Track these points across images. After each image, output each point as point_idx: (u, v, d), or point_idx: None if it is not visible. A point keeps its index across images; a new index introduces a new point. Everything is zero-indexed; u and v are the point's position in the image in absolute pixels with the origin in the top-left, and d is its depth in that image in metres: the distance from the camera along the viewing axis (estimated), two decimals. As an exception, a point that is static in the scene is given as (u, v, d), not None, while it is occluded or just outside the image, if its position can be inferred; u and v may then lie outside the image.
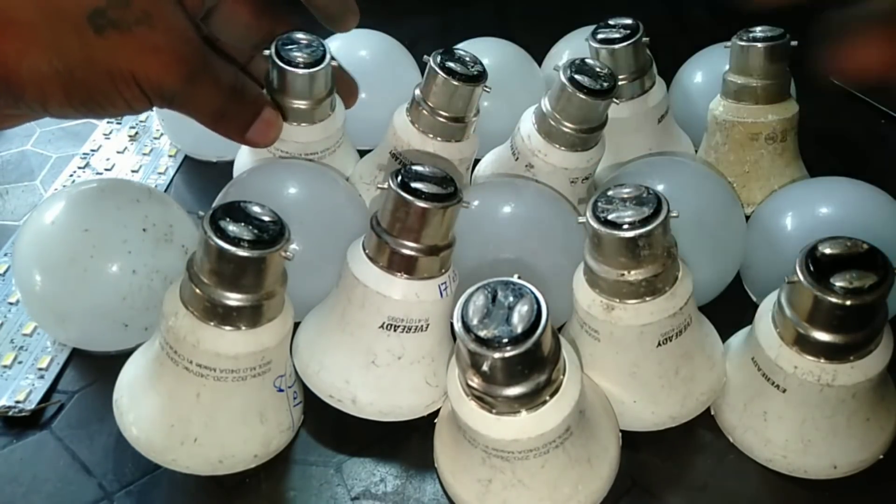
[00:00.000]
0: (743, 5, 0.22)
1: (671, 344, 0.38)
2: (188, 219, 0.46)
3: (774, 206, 0.48)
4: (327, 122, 0.49)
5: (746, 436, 0.40)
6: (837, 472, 0.38)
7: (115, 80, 0.34)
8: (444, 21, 0.79)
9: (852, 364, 0.35)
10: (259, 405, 0.37)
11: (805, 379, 0.36)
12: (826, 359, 0.35)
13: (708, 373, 0.40)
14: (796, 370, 0.36)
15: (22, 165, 0.61)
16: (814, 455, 0.38)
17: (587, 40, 0.51)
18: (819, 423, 0.37)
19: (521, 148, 0.47)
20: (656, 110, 0.53)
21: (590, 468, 0.36)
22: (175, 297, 0.34)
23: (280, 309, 0.36)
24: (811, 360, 0.36)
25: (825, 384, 0.36)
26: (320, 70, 0.46)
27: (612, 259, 0.35)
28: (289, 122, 0.47)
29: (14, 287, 0.48)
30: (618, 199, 0.35)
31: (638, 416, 0.40)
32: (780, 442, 0.38)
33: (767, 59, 0.49)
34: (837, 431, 0.37)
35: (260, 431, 0.37)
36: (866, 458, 0.38)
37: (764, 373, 0.38)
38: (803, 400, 0.37)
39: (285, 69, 0.45)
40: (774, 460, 0.39)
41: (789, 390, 0.37)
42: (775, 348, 0.37)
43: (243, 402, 0.36)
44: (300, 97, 0.47)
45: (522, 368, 0.31)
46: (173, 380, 0.35)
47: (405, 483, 0.39)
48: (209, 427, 0.36)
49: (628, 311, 0.36)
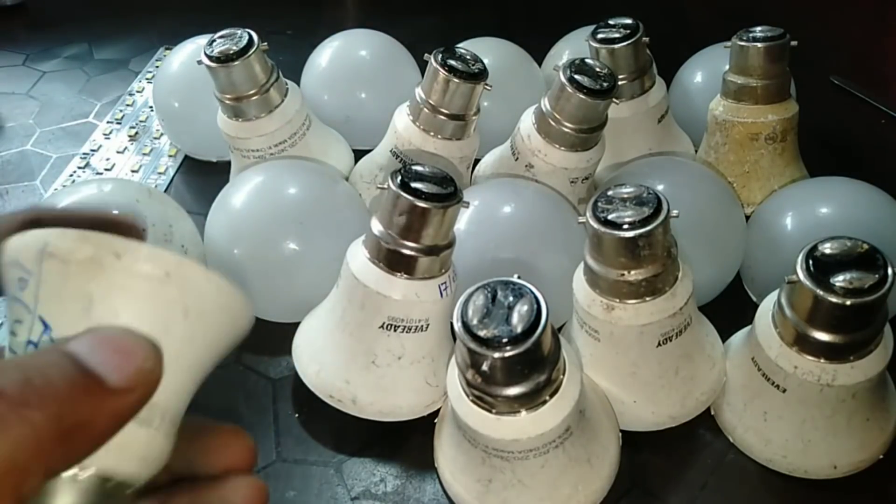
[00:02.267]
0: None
1: (671, 344, 0.38)
2: (188, 219, 0.46)
3: (774, 206, 0.48)
4: (280, 111, 0.49)
5: (746, 436, 0.40)
6: (837, 473, 0.38)
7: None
8: (444, 21, 0.79)
9: (852, 364, 0.35)
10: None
11: (805, 379, 0.36)
12: (826, 359, 0.35)
13: (708, 373, 0.40)
14: (796, 370, 0.36)
15: (22, 165, 0.61)
16: (814, 455, 0.38)
17: (587, 40, 0.51)
18: (819, 422, 0.37)
19: (521, 148, 0.47)
20: (656, 110, 0.53)
21: (590, 468, 0.36)
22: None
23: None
24: (811, 360, 0.36)
25: (825, 384, 0.36)
26: (236, 64, 0.47)
27: (612, 259, 0.35)
28: (238, 119, 0.49)
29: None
30: (618, 199, 0.35)
31: (638, 416, 0.40)
32: (780, 442, 0.38)
33: (767, 59, 0.49)
34: (837, 431, 0.37)
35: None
36: (866, 458, 0.38)
37: (764, 373, 0.38)
38: (803, 400, 0.37)
39: (210, 66, 0.47)
40: (774, 460, 0.39)
41: (789, 390, 0.37)
42: (775, 348, 0.37)
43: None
44: (227, 91, 0.48)
45: (522, 368, 0.31)
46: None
47: (405, 483, 0.39)
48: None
49: (628, 311, 0.36)
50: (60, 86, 0.70)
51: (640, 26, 0.50)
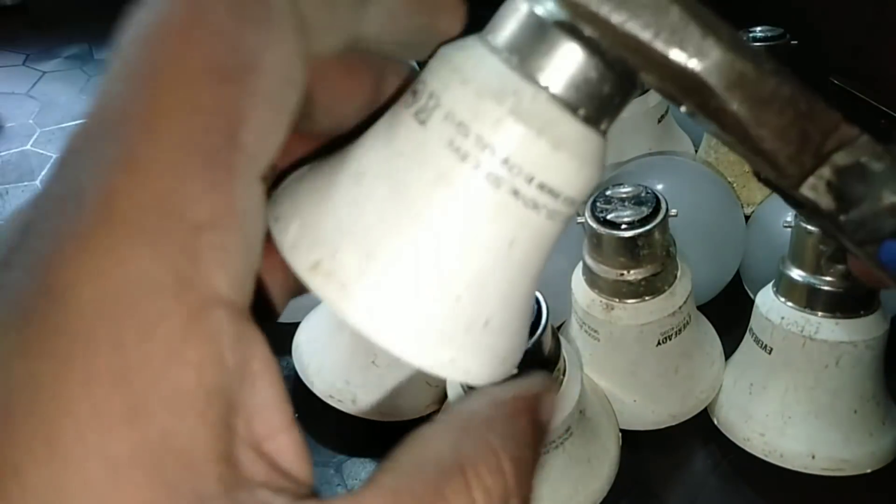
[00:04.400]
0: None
1: (671, 343, 0.38)
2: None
3: (774, 206, 0.48)
4: None
5: (730, 414, 0.40)
6: (815, 465, 0.38)
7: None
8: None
9: (837, 321, 0.35)
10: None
11: (789, 331, 0.36)
12: (810, 307, 0.36)
13: (707, 370, 0.40)
14: (783, 321, 0.36)
15: (22, 165, 0.61)
16: (792, 436, 0.38)
17: (587, 40, 0.51)
18: (801, 394, 0.37)
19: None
20: (656, 110, 0.53)
21: (589, 468, 0.36)
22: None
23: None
24: (795, 309, 0.36)
25: (808, 337, 0.36)
26: None
27: (611, 259, 0.35)
28: None
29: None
30: (616, 199, 0.35)
31: (638, 415, 0.40)
32: (760, 418, 0.38)
33: (767, 59, 0.49)
34: (819, 412, 0.37)
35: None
36: (849, 460, 0.37)
37: (755, 336, 0.38)
38: (787, 361, 0.37)
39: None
40: (752, 439, 0.39)
41: (775, 349, 0.37)
42: (768, 303, 0.37)
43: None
44: None
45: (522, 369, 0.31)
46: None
47: (405, 483, 0.39)
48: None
49: (628, 310, 0.36)
50: (60, 86, 0.71)
51: (639, 26, 0.50)
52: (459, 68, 0.12)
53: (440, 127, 0.12)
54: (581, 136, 0.13)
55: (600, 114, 0.13)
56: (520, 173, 0.12)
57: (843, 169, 0.12)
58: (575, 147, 0.13)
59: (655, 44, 0.12)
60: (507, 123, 0.12)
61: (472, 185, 0.12)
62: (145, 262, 0.11)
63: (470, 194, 0.12)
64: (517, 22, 0.13)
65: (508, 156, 0.12)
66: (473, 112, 0.12)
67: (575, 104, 0.13)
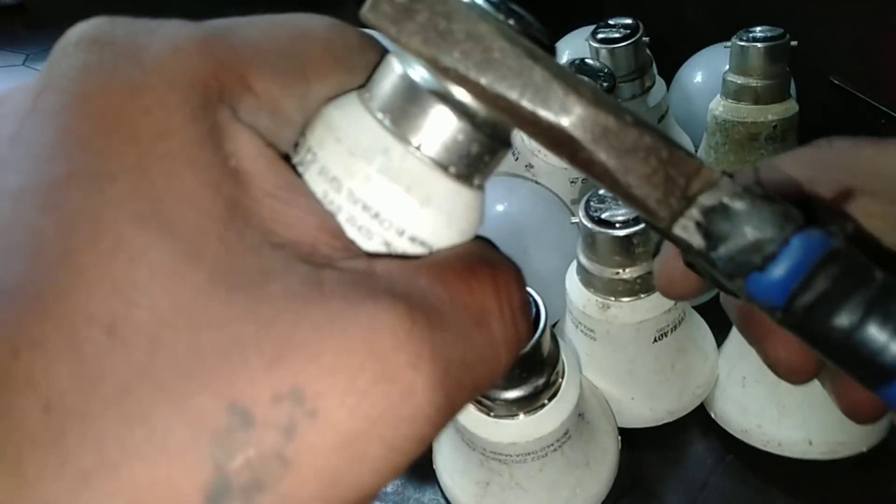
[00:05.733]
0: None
1: (667, 339, 0.38)
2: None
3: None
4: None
5: (726, 407, 0.39)
6: (813, 451, 0.38)
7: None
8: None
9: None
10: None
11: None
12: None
13: (702, 365, 0.40)
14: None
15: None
16: (788, 424, 0.38)
17: (587, 40, 0.51)
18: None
19: (521, 147, 0.47)
20: (656, 110, 0.53)
21: (588, 471, 0.36)
22: None
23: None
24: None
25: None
26: None
27: (606, 258, 0.35)
28: None
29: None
30: (610, 198, 0.35)
31: (636, 413, 0.40)
32: (756, 409, 0.38)
33: (767, 59, 0.49)
34: (813, 400, 0.37)
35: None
36: (844, 442, 0.38)
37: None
38: None
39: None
40: (750, 430, 0.39)
41: None
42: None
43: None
44: None
45: (521, 372, 0.31)
46: None
47: (405, 483, 0.39)
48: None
49: (624, 308, 0.36)
50: (61, 87, 0.71)
51: (640, 26, 0.50)
52: (335, 127, 0.13)
53: (316, 180, 0.13)
54: (450, 191, 0.13)
55: (471, 171, 0.14)
56: (391, 227, 0.13)
57: (708, 209, 0.13)
58: (443, 202, 0.13)
59: (523, 102, 0.13)
60: (376, 180, 0.13)
61: (346, 234, 0.13)
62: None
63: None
64: (391, 83, 0.13)
65: (379, 211, 0.13)
66: (346, 169, 0.13)
67: (445, 163, 0.13)
